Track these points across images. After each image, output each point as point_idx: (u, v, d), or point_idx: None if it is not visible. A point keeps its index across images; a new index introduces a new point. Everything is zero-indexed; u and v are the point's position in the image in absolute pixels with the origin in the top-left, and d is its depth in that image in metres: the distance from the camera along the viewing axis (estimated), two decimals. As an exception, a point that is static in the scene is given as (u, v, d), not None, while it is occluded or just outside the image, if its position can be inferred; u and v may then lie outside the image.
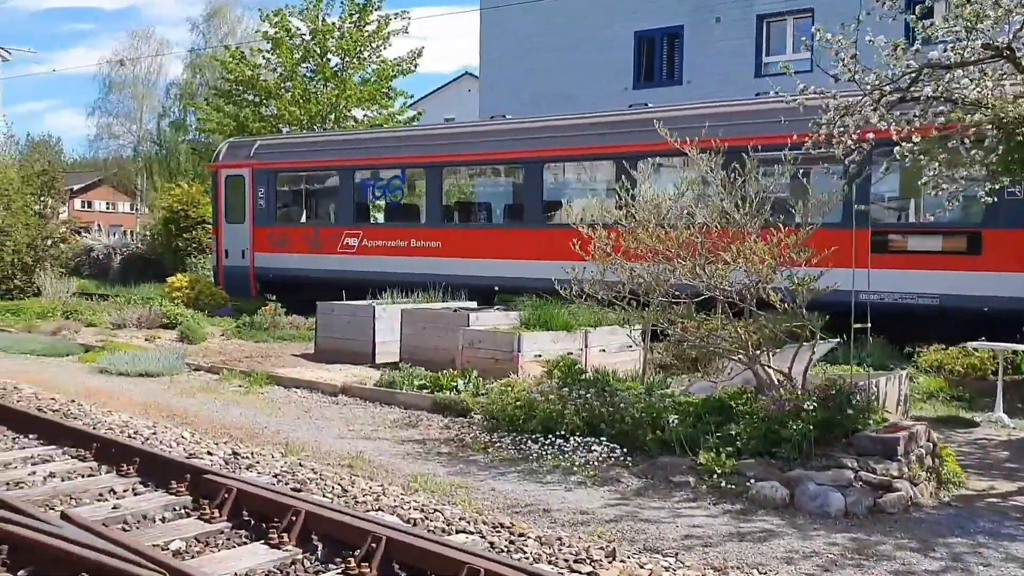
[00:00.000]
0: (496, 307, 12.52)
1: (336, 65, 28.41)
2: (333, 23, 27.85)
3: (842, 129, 7.23)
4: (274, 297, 19.94)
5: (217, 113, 29.82)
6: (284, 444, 7.32)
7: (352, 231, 18.04)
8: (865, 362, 8.56)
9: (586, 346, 10.71)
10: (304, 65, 28.42)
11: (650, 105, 15.35)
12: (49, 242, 20.64)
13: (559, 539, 4.97)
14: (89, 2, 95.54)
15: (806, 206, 7.03)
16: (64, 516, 4.90)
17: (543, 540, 4.95)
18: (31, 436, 7.29)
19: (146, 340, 13.76)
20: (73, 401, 8.76)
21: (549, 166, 15.54)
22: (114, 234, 38.23)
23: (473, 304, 13.55)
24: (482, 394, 8.45)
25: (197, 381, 10.33)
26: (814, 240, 6.83)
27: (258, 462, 6.59)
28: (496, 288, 15.71)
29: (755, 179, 7.15)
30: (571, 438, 6.89)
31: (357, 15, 28.04)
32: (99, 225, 43.28)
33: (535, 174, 15.43)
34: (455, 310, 12.37)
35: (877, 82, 7.07)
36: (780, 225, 6.87)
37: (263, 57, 28.89)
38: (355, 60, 28.37)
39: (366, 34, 27.88)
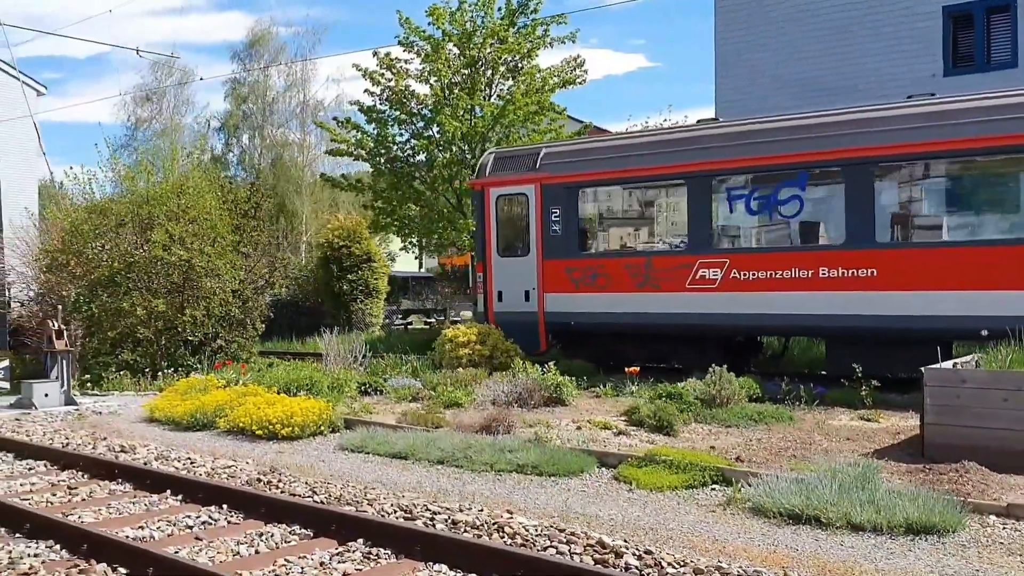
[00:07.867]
0: None
1: (488, 77, 23.69)
2: (495, 22, 23.10)
3: None
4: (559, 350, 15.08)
5: (355, 132, 24.79)
6: None
7: (711, 260, 13.19)
8: None
9: None
10: (454, 76, 23.63)
11: None
12: (252, 288, 15.46)
13: None
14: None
15: None
16: None
17: None
18: None
19: (619, 434, 8.74)
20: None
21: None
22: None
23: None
24: None
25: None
26: None
27: None
28: (984, 332, 11.03)
29: None
30: None
31: (507, 18, 23.24)
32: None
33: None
34: None
35: None
36: None
37: (402, 68, 24.09)
38: (506, 70, 23.70)
39: (519, 38, 23.07)
